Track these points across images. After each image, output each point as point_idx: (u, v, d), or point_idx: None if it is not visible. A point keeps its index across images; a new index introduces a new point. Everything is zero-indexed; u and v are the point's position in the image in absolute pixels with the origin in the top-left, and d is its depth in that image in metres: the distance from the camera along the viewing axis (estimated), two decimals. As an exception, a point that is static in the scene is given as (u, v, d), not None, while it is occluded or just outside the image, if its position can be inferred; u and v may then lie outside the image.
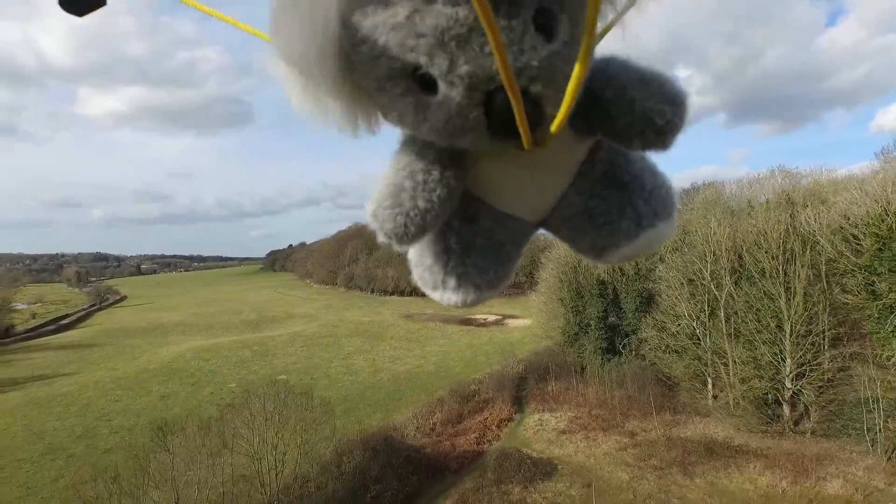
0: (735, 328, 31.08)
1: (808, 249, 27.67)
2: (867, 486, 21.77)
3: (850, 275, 26.28)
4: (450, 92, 0.66)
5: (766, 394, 29.19)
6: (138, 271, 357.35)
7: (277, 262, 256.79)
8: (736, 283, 31.34)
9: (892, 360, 24.38)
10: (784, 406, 29.12)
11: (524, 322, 61.60)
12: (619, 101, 0.74)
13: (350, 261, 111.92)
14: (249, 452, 20.82)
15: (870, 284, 25.23)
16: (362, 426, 29.88)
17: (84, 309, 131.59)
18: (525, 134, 0.64)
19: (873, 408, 24.31)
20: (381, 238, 0.79)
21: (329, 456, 23.14)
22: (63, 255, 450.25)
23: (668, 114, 0.73)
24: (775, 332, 28.85)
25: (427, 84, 0.68)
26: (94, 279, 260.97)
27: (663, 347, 34.36)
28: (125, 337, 74.12)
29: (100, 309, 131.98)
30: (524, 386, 38.74)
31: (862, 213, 25.94)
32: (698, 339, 32.77)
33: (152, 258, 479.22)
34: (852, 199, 26.89)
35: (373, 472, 23.25)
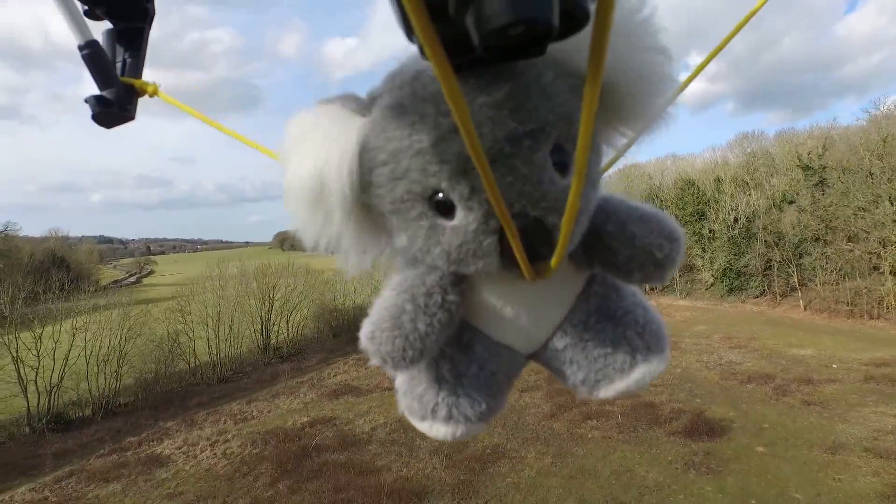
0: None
1: (656, 197, 52.54)
2: (662, 302, 46.72)
3: (675, 207, 51.45)
4: (467, 217, 0.68)
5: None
6: (148, 251, 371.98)
7: (286, 241, 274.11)
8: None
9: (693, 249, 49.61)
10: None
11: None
12: (620, 235, 0.79)
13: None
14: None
15: (680, 212, 50.59)
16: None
17: (133, 274, 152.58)
18: (525, 267, 0.67)
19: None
20: (375, 360, 0.79)
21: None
22: (68, 238, 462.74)
23: (667, 248, 0.78)
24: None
25: (442, 208, 0.70)
26: (111, 259, 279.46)
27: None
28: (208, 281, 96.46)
29: (140, 276, 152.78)
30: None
31: (684, 175, 51.20)
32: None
33: (155, 241, 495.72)
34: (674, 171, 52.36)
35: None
